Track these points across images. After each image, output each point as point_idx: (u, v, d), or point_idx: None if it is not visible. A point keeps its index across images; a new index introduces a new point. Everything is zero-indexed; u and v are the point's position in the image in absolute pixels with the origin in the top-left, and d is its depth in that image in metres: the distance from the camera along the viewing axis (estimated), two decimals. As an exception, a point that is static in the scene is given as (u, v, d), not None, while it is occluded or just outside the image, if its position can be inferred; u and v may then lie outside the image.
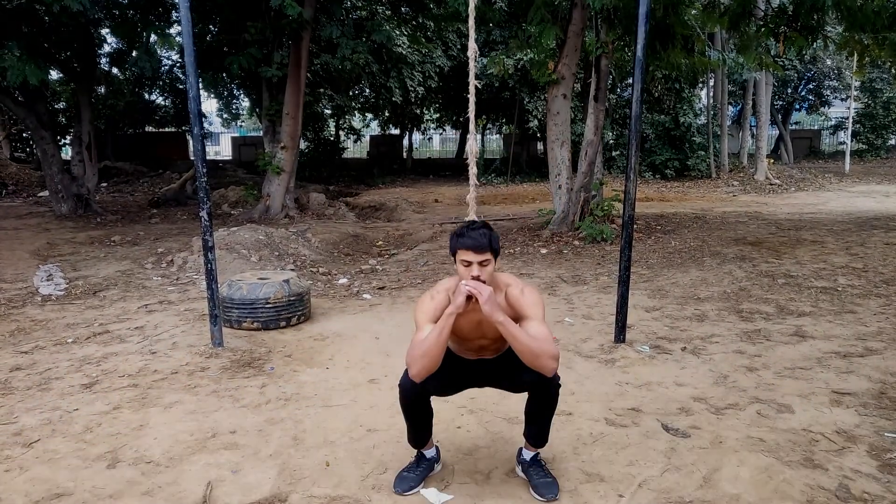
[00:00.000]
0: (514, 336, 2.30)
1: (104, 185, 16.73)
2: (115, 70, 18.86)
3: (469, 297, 2.33)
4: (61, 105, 21.04)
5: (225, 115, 28.69)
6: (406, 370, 2.48)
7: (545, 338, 2.36)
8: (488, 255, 2.38)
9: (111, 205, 13.43)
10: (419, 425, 2.62)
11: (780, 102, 26.17)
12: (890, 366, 3.98)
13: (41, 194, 14.51)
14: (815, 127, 29.98)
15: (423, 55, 17.46)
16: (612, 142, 19.53)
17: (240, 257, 7.19)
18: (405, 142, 26.95)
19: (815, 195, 15.69)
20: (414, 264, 7.72)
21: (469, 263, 2.38)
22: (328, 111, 23.53)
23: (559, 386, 2.51)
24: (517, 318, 2.42)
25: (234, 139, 28.37)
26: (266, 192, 11.97)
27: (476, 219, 2.95)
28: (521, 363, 2.46)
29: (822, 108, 28.16)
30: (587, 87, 9.81)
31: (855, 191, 16.44)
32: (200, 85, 4.69)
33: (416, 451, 2.75)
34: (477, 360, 2.63)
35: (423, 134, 31.13)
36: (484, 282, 2.36)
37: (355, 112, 24.91)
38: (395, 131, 27.63)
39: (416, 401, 2.53)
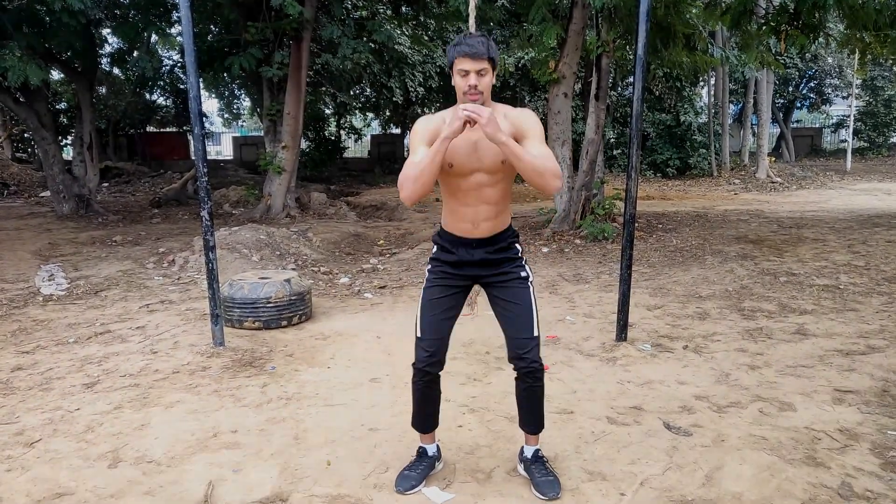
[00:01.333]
0: (517, 156, 2.23)
1: (105, 185, 16.75)
2: (116, 70, 18.85)
3: (466, 122, 2.24)
4: (62, 105, 21.05)
5: (226, 115, 28.69)
6: (417, 345, 2.53)
7: (548, 156, 2.32)
8: (486, 64, 2.30)
9: (112, 205, 13.44)
10: (428, 406, 2.65)
11: (782, 100, 26.13)
12: (892, 363, 3.98)
13: (43, 194, 14.53)
14: (817, 125, 29.91)
15: (424, 55, 17.45)
16: (613, 140, 19.53)
17: (241, 257, 7.19)
18: (406, 141, 26.93)
19: (816, 193, 15.67)
20: (415, 263, 7.72)
21: (466, 73, 2.29)
22: (329, 111, 23.55)
23: (541, 369, 2.52)
24: (517, 138, 2.35)
25: (235, 139, 28.35)
26: (267, 192, 11.97)
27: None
28: (511, 305, 2.48)
29: (823, 107, 28.11)
30: (588, 85, 9.80)
31: (856, 189, 16.41)
32: (201, 85, 4.68)
33: (417, 449, 2.75)
34: (472, 239, 2.49)
35: (424, 133, 31.06)
36: (481, 93, 2.30)
37: (356, 111, 24.92)
38: (397, 131, 27.61)
39: (428, 381, 2.57)
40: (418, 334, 2.55)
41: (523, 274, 2.55)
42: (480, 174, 2.40)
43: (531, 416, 2.65)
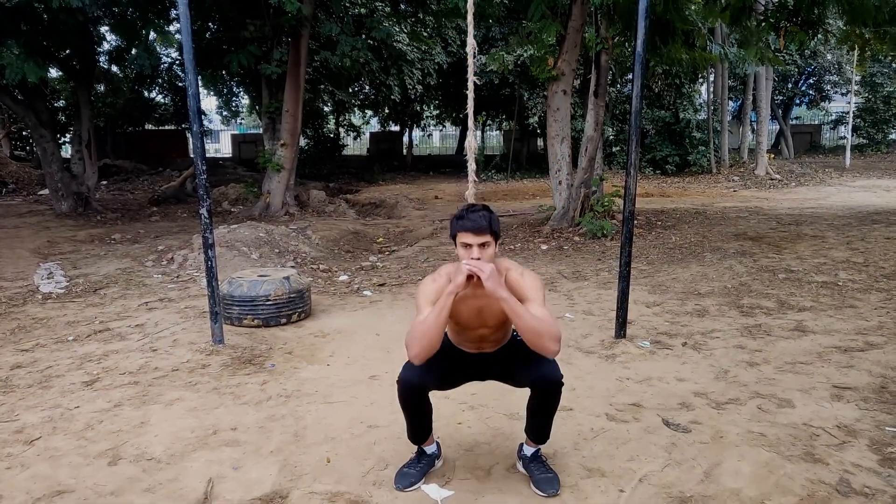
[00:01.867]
0: (517, 314, 2.27)
1: (104, 183, 16.73)
2: (114, 68, 18.81)
3: (470, 277, 2.31)
4: (61, 103, 21.02)
5: (224, 113, 28.62)
6: (405, 364, 2.48)
7: (547, 319, 2.34)
8: (488, 237, 2.36)
9: (111, 203, 13.43)
10: (418, 421, 2.62)
11: (781, 97, 26.13)
12: (890, 360, 3.98)
13: (41, 192, 14.52)
14: (816, 122, 29.93)
15: (423, 52, 17.43)
16: (612, 137, 19.52)
17: (240, 255, 7.19)
18: (405, 138, 26.92)
19: (815, 190, 15.68)
20: (414, 261, 7.72)
21: (469, 246, 2.35)
22: (328, 108, 23.51)
23: (562, 384, 2.49)
24: (518, 298, 2.39)
25: (233, 137, 28.33)
26: (266, 190, 11.96)
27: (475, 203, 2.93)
28: (522, 357, 2.47)
29: (822, 103, 28.12)
30: (587, 82, 9.80)
31: (855, 185, 16.42)
32: (200, 82, 4.68)
33: (417, 447, 2.75)
34: (477, 353, 2.63)
35: (422, 130, 31.07)
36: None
37: (355, 109, 24.89)
38: (395, 128, 27.60)
39: (415, 396, 2.52)
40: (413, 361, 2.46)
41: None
42: (484, 330, 2.54)
43: (541, 427, 2.62)
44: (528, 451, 2.68)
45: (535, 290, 2.43)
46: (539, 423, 2.61)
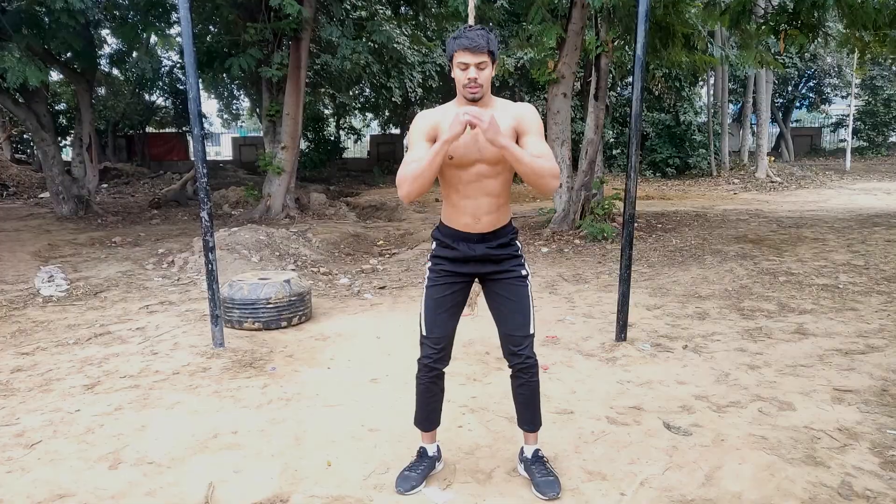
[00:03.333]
0: (517, 158, 2.24)
1: (105, 186, 16.75)
2: (115, 71, 18.87)
3: (467, 126, 2.25)
4: (62, 106, 21.06)
5: (225, 116, 28.70)
6: (422, 343, 2.56)
7: (547, 154, 2.33)
8: (486, 58, 2.30)
9: (112, 206, 13.44)
10: (431, 403, 2.67)
11: (781, 100, 26.15)
12: (891, 363, 3.98)
13: (42, 196, 14.53)
14: (816, 124, 29.94)
15: (424, 54, 17.46)
16: (612, 140, 19.54)
17: (241, 258, 7.19)
18: (405, 141, 26.94)
19: (816, 193, 15.68)
20: (415, 264, 7.72)
21: (466, 66, 2.30)
22: (328, 111, 23.55)
23: (535, 364, 2.57)
24: (517, 132, 2.38)
25: (234, 140, 28.36)
26: (267, 193, 11.97)
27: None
28: (509, 299, 2.51)
29: (822, 106, 28.14)
30: (587, 85, 9.81)
31: (856, 188, 16.42)
32: (200, 86, 4.69)
33: (417, 449, 2.75)
34: (474, 233, 2.48)
35: (423, 133, 31.08)
36: (481, 85, 2.31)
37: (355, 112, 24.93)
38: (396, 131, 27.62)
39: (433, 377, 2.61)
40: (423, 332, 2.57)
41: (523, 272, 2.55)
42: (481, 165, 2.40)
43: (528, 413, 2.66)
44: (529, 451, 2.68)
45: (533, 123, 2.39)
46: (525, 407, 2.65)
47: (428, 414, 2.71)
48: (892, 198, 14.01)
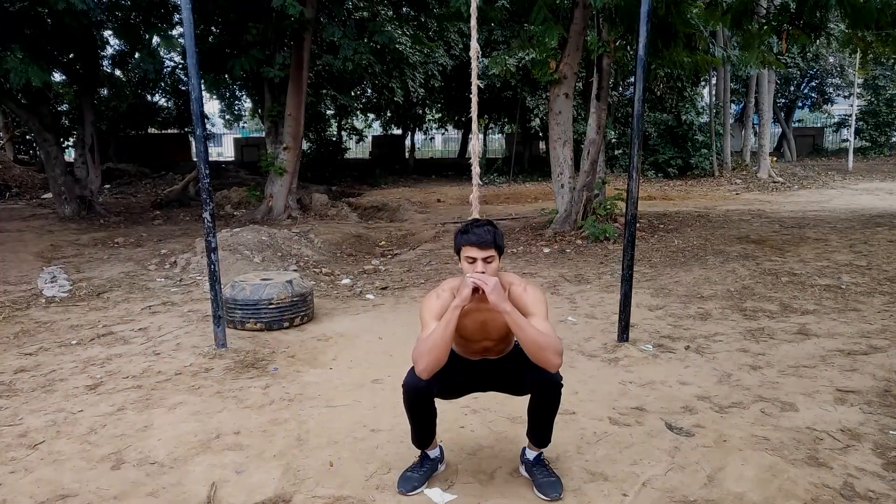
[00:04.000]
0: (520, 326, 2.31)
1: (107, 186, 16.77)
2: (117, 72, 18.90)
3: (475, 290, 2.35)
4: (64, 107, 21.07)
5: (227, 117, 28.75)
6: (410, 370, 2.48)
7: (549, 333, 2.37)
8: (492, 252, 2.39)
9: (114, 206, 13.46)
10: (423, 425, 2.63)
11: (783, 100, 26.12)
12: (894, 363, 3.97)
13: (44, 196, 14.55)
14: (818, 125, 29.91)
15: (425, 55, 17.46)
16: (614, 140, 19.52)
17: (243, 258, 7.20)
18: (407, 142, 26.96)
19: (818, 193, 15.65)
20: (417, 264, 7.72)
21: (473, 260, 2.39)
22: (330, 112, 23.56)
23: (561, 385, 2.50)
24: (522, 312, 2.42)
25: (236, 140, 28.42)
26: (269, 193, 11.98)
27: (479, 217, 2.96)
28: (523, 364, 2.47)
29: (825, 106, 28.11)
30: (589, 86, 9.80)
31: (858, 188, 16.40)
32: (203, 86, 4.69)
33: (419, 450, 2.75)
34: (481, 360, 2.64)
35: (425, 134, 31.13)
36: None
37: (357, 112, 24.94)
38: (398, 131, 27.65)
39: (420, 401, 2.53)
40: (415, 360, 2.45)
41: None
42: (488, 342, 2.57)
43: (542, 430, 2.62)
44: (531, 454, 2.68)
45: (538, 305, 2.46)
46: (540, 426, 2.61)
47: (426, 433, 2.67)
48: (894, 198, 13.98)
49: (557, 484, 2.58)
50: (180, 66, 19.48)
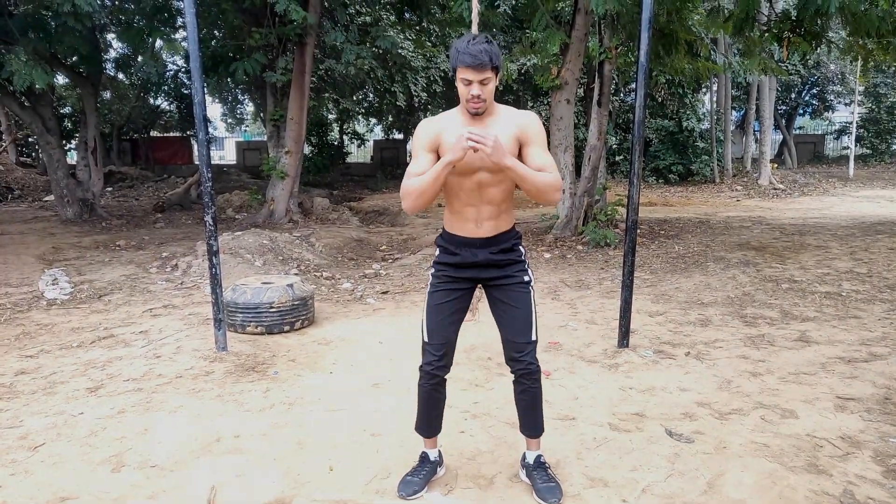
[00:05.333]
0: (522, 177, 2.29)
1: (109, 189, 16.81)
2: (120, 75, 18.95)
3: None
4: (67, 110, 21.15)
5: (229, 120, 28.81)
6: (423, 349, 2.57)
7: (550, 165, 2.38)
8: (489, 73, 2.30)
9: (116, 209, 13.49)
10: (433, 410, 2.67)
11: (784, 107, 26.14)
12: (894, 371, 3.97)
13: (46, 199, 14.59)
14: (819, 132, 29.91)
15: (427, 59, 17.51)
16: (615, 146, 19.55)
17: (244, 262, 7.21)
18: (408, 146, 26.99)
19: (819, 200, 15.66)
20: (417, 269, 7.73)
21: (469, 82, 2.30)
22: (332, 116, 23.62)
23: (539, 370, 2.58)
24: (522, 142, 2.40)
25: (238, 144, 28.44)
26: (270, 197, 12.00)
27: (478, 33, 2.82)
28: (511, 302, 2.51)
29: (825, 113, 28.12)
30: (590, 92, 9.83)
31: (859, 195, 16.40)
32: (205, 90, 4.71)
33: (419, 454, 2.75)
34: (476, 238, 2.49)
35: (426, 138, 31.12)
36: (484, 101, 2.32)
37: (359, 117, 24.99)
38: (399, 136, 27.68)
39: (435, 384, 2.61)
40: (425, 338, 2.58)
41: (525, 278, 2.56)
42: (483, 173, 2.41)
43: (530, 419, 2.67)
44: (531, 457, 2.69)
45: (538, 133, 2.42)
46: (527, 413, 2.65)
47: (430, 420, 2.71)
48: (895, 205, 13.98)
49: (557, 489, 2.58)
50: (183, 69, 19.55)
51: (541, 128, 2.45)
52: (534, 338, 2.55)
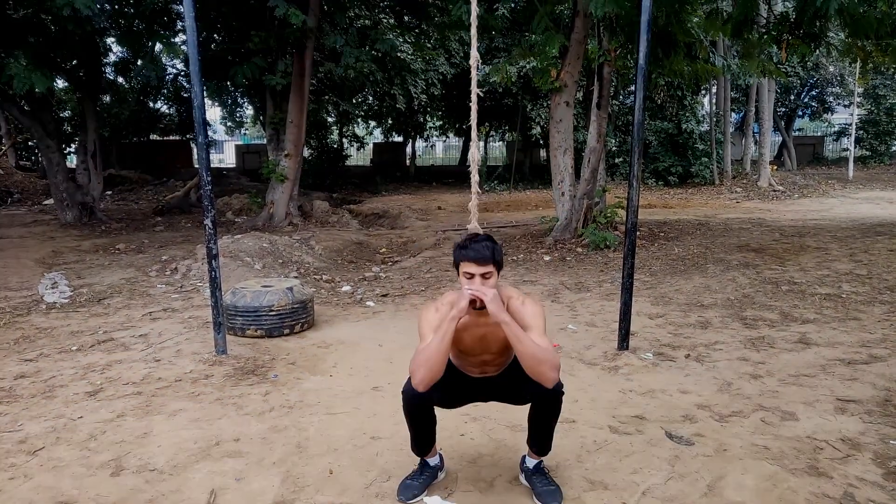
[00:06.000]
0: (518, 339, 2.30)
1: (109, 193, 16.82)
2: (120, 79, 18.97)
3: (472, 302, 2.35)
4: (66, 114, 21.16)
5: (229, 124, 28.81)
6: (409, 378, 2.48)
7: (548, 347, 2.38)
8: (491, 268, 2.39)
9: (116, 213, 13.48)
10: (422, 433, 2.63)
11: (783, 109, 26.17)
12: (894, 373, 3.97)
13: (46, 202, 14.58)
14: (819, 133, 29.95)
15: (427, 62, 17.53)
16: (614, 149, 19.56)
17: (244, 265, 7.21)
18: (408, 149, 27.03)
19: (818, 202, 15.67)
20: (417, 271, 7.73)
21: (472, 276, 2.39)
22: (332, 119, 23.63)
23: (562, 394, 2.49)
24: (521, 326, 2.42)
25: (237, 147, 28.47)
26: (270, 200, 12.01)
27: (479, 230, 2.97)
28: (523, 377, 2.45)
29: (825, 115, 28.16)
30: (590, 94, 9.84)
31: (859, 197, 16.41)
32: (205, 93, 4.71)
33: (419, 460, 2.75)
34: (480, 377, 2.64)
35: (426, 141, 31.17)
36: (486, 295, 2.37)
37: (359, 120, 25.00)
38: (399, 139, 27.71)
39: (419, 409, 2.54)
40: (414, 381, 2.44)
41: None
42: (487, 355, 2.56)
43: (543, 438, 2.62)
44: (531, 462, 2.68)
45: (536, 319, 2.45)
46: (541, 434, 2.61)
47: (425, 440, 2.67)
48: (895, 207, 13.99)
49: (557, 493, 2.58)
50: (182, 73, 19.58)
51: (541, 315, 2.48)
52: (556, 377, 2.41)
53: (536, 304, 2.51)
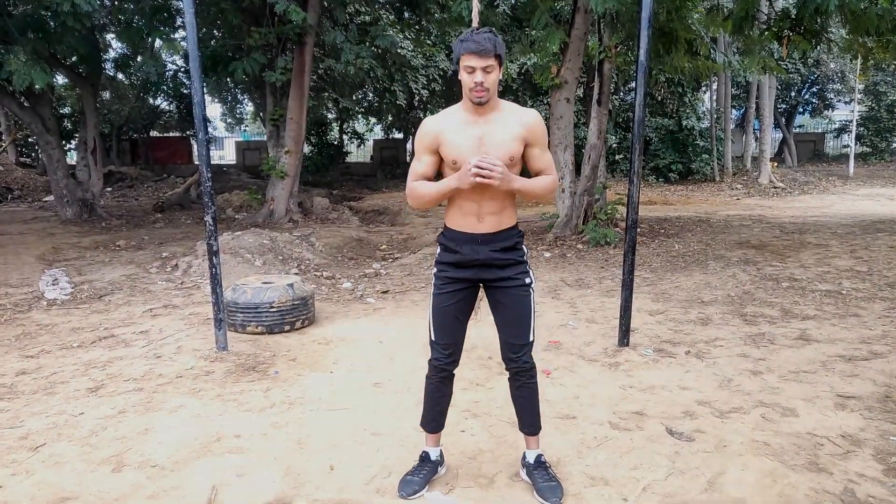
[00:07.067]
0: (528, 191, 2.42)
1: (109, 189, 16.81)
2: (120, 75, 18.94)
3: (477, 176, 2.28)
4: (66, 110, 21.14)
5: (229, 120, 28.79)
6: (432, 345, 2.61)
7: (550, 166, 2.49)
8: (492, 61, 2.31)
9: (116, 209, 13.48)
10: (439, 404, 2.70)
11: (784, 105, 26.14)
12: (895, 369, 3.97)
13: (46, 199, 14.59)
14: (819, 130, 29.91)
15: (427, 58, 17.51)
16: (615, 145, 19.55)
17: (244, 261, 7.21)
18: (408, 146, 26.98)
19: (819, 198, 15.66)
20: (417, 268, 7.73)
21: (473, 70, 2.31)
22: (332, 115, 23.62)
23: (534, 368, 2.62)
24: (526, 142, 2.43)
25: (238, 143, 28.43)
26: (270, 197, 12.00)
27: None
28: (509, 304, 2.53)
29: (825, 112, 28.12)
30: (590, 90, 9.83)
31: (859, 194, 16.40)
32: (205, 90, 4.70)
33: (420, 454, 2.76)
34: (478, 235, 2.47)
35: (426, 138, 31.12)
36: (487, 89, 2.32)
37: (359, 116, 24.98)
38: (399, 135, 27.67)
39: (443, 378, 2.65)
40: (432, 338, 2.61)
41: (527, 280, 2.55)
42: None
43: (528, 416, 2.69)
44: (531, 456, 2.69)
45: (542, 135, 2.47)
46: (524, 409, 2.68)
47: (435, 415, 2.73)
48: (895, 203, 13.98)
49: (558, 488, 2.58)
50: (182, 69, 19.54)
51: (544, 128, 2.50)
52: (530, 339, 2.58)
53: (538, 116, 2.49)
